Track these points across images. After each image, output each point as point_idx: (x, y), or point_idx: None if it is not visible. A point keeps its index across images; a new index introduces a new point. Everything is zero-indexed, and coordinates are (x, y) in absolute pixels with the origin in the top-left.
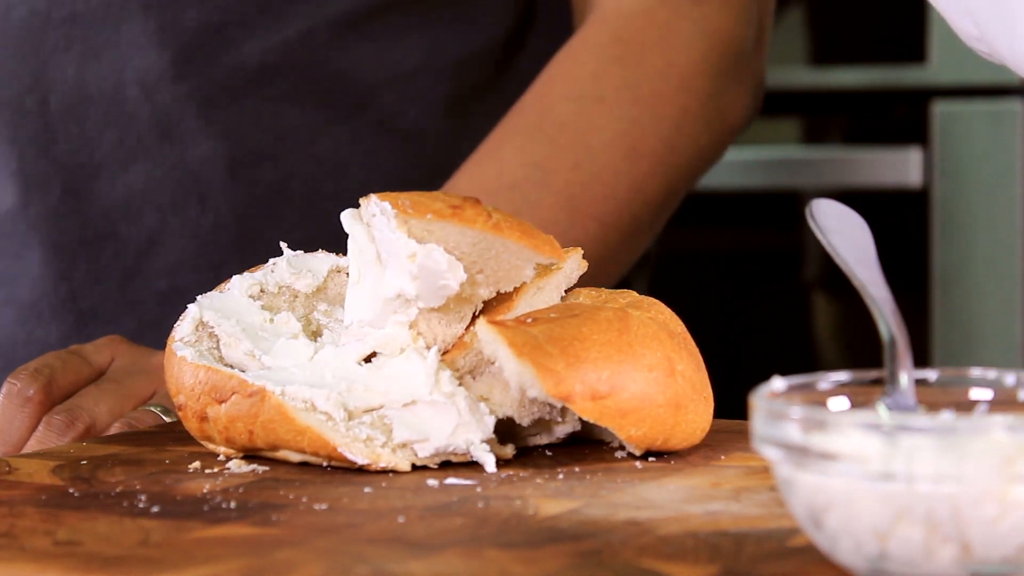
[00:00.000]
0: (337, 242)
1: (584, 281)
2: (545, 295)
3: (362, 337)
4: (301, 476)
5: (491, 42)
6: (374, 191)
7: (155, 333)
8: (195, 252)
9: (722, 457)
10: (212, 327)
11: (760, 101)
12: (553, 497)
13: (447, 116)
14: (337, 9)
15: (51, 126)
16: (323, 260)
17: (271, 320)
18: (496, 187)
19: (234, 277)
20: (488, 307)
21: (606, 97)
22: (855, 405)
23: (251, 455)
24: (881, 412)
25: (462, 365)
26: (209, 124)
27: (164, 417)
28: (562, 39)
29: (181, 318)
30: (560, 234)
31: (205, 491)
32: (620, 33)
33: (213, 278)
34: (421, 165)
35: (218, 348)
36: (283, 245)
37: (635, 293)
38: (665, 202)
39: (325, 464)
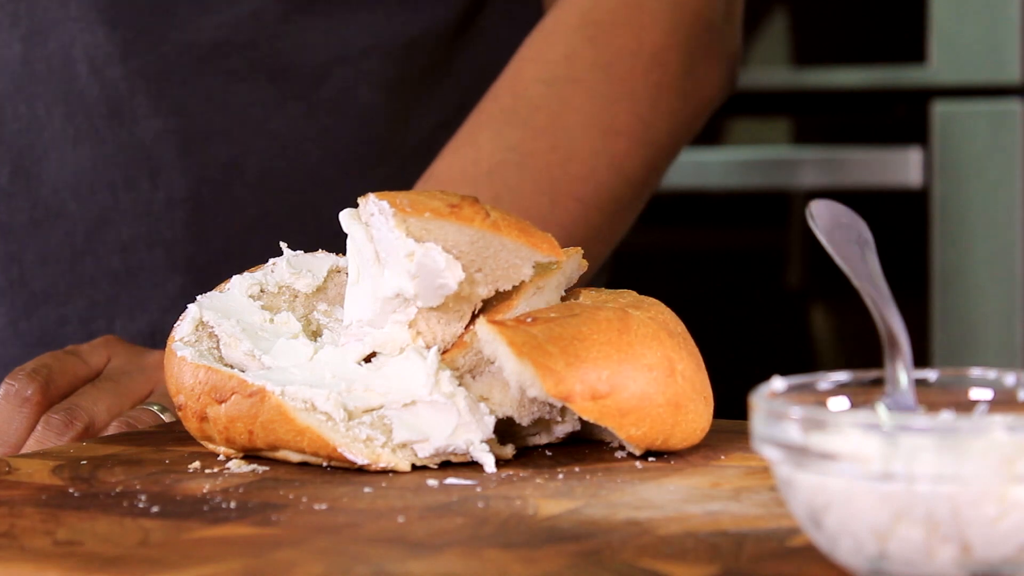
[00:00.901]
0: (290, 220)
1: None
2: (545, 295)
3: (361, 337)
4: (301, 476)
5: (441, 24)
6: (328, 169)
7: (108, 313)
8: (147, 229)
9: (722, 457)
10: (212, 327)
11: (736, 76)
12: (553, 497)
13: (399, 96)
14: None
15: None
16: (323, 260)
17: (271, 320)
18: (474, 173)
19: (234, 277)
20: (488, 307)
21: (579, 78)
22: (855, 405)
23: (251, 455)
24: (881, 412)
25: (462, 364)
26: (160, 101)
27: (162, 416)
28: (518, 22)
29: (181, 318)
30: (542, 217)
31: (205, 491)
32: (590, 14)
33: (165, 255)
34: (374, 144)
35: (218, 348)
36: (283, 245)
37: (635, 293)
38: (645, 179)
39: (325, 464)
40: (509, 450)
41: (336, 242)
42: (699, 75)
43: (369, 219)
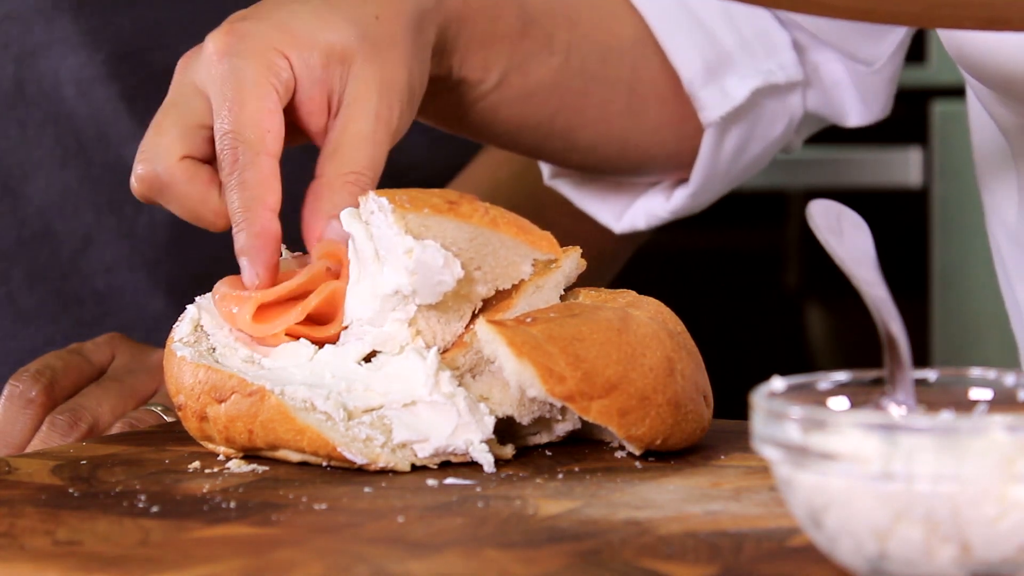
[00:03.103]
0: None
1: None
2: (544, 294)
3: (361, 336)
4: (301, 476)
5: None
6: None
7: (93, 333)
8: (130, 251)
9: (722, 457)
10: (209, 335)
11: None
12: (553, 497)
13: None
14: None
15: None
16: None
17: None
18: (498, 177)
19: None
20: (488, 306)
21: None
22: (855, 405)
23: (251, 455)
24: (881, 412)
25: (462, 364)
26: (143, 124)
27: (164, 416)
28: None
29: (180, 318)
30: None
31: (205, 491)
32: None
33: (148, 277)
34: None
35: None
36: (282, 246)
37: (635, 293)
38: None
39: (325, 464)
40: (509, 450)
41: None
42: None
43: (369, 217)
